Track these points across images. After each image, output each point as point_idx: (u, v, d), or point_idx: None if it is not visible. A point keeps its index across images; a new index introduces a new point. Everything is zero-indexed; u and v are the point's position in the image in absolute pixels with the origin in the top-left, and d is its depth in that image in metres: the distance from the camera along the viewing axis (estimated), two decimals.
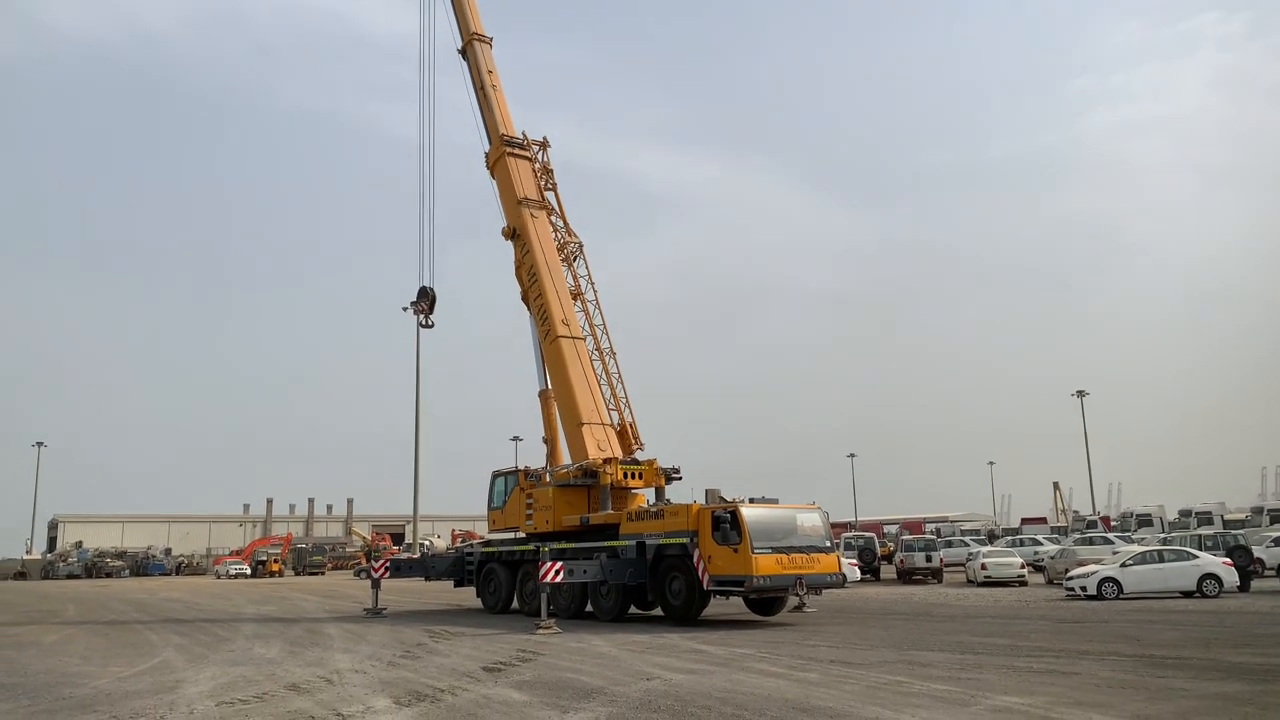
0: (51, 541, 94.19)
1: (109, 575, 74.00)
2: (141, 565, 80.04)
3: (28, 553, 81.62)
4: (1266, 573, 32.13)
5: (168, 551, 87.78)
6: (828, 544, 20.52)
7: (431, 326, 50.89)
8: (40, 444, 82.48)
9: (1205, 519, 46.18)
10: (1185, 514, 50.01)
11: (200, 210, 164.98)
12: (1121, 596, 25.27)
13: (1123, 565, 26.03)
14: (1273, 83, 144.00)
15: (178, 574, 79.51)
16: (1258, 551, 31.73)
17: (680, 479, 24.69)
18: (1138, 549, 28.94)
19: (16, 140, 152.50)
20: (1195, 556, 26.33)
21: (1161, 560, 26.21)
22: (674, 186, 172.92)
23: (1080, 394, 68.10)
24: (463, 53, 30.55)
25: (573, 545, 22.62)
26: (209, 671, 13.96)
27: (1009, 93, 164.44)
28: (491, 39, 30.30)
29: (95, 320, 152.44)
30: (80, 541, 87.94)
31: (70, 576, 73.27)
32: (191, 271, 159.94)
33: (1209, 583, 25.34)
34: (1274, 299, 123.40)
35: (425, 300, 47.00)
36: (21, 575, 74.66)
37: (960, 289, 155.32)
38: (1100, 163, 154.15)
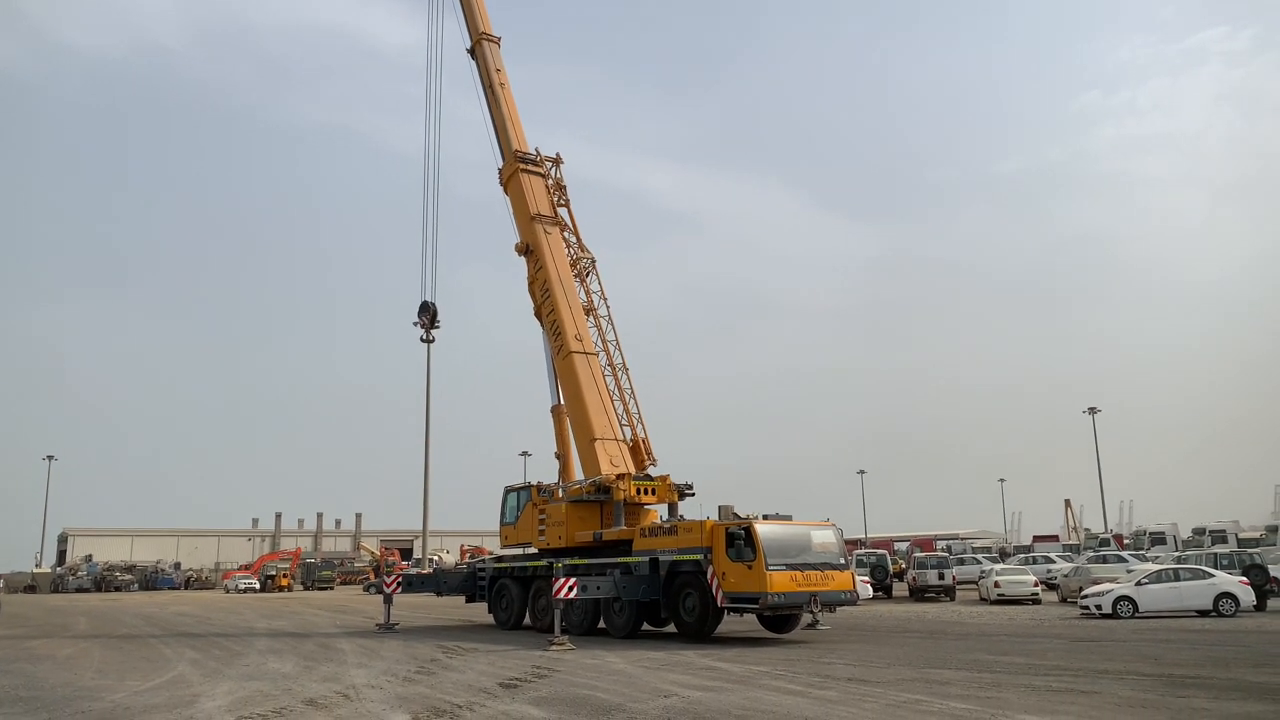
0: (61, 555, 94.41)
1: (118, 589, 74.16)
2: (150, 579, 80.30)
3: (37, 566, 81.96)
4: None
5: (177, 565, 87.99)
6: (842, 561, 20.47)
7: (432, 340, 51.32)
8: (50, 457, 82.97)
9: (1219, 537, 45.94)
10: (1199, 532, 49.77)
11: (209, 224, 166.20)
12: (1137, 615, 25.13)
13: (1138, 584, 25.87)
14: None
15: (186, 588, 79.60)
16: (1273, 570, 31.47)
17: (693, 495, 24.67)
18: (1153, 567, 28.75)
19: (26, 154, 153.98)
20: (1211, 575, 26.17)
21: (1177, 579, 26.06)
22: (684, 202, 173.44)
23: (1092, 411, 67.89)
24: (471, 52, 30.87)
25: (586, 561, 22.59)
26: (225, 686, 13.97)
27: (1015, 108, 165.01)
28: (500, 38, 30.66)
29: (105, 333, 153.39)
30: (90, 555, 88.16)
31: (80, 590, 73.36)
32: (200, 285, 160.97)
33: (1225, 602, 25.20)
34: None
35: (426, 314, 47.48)
36: (31, 588, 74.90)
37: (970, 305, 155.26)
38: (1108, 178, 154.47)
